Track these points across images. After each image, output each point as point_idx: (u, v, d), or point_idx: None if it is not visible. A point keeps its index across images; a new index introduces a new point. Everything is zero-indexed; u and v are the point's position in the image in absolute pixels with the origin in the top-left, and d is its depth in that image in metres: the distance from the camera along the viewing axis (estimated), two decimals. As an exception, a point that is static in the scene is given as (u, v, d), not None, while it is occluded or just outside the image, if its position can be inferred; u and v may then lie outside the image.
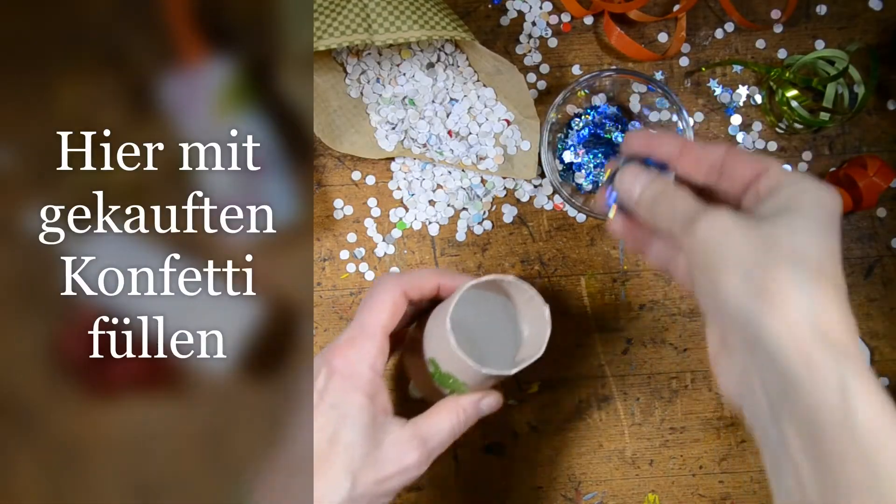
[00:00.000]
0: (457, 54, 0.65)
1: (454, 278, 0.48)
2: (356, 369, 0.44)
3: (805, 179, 0.38)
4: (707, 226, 0.37)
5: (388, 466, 0.44)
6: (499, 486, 0.68)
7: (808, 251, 0.35)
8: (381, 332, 0.46)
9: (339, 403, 0.44)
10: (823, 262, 0.35)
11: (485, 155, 0.66)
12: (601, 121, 0.65)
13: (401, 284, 0.47)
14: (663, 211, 0.40)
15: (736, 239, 0.36)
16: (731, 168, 0.40)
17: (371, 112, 0.66)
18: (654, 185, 0.41)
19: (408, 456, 0.45)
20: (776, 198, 0.38)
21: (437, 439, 0.46)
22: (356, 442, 0.43)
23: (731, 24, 0.67)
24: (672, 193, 0.40)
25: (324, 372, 0.45)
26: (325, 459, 0.43)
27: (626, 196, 0.42)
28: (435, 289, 0.48)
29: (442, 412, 0.47)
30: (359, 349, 0.45)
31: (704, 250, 0.37)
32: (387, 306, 0.46)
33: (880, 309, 0.67)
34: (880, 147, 0.67)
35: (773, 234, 0.36)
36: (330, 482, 0.43)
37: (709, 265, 0.37)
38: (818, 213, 0.36)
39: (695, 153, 0.41)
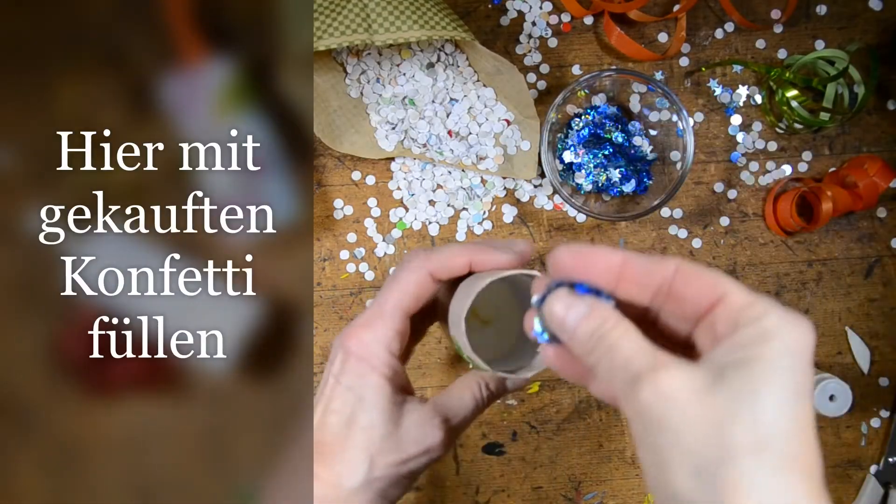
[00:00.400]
0: (457, 54, 0.65)
1: (486, 254, 0.44)
2: (372, 350, 0.43)
3: (769, 312, 0.32)
4: (652, 392, 0.31)
5: (409, 447, 0.42)
6: (499, 486, 0.68)
7: (774, 431, 0.29)
8: (401, 313, 0.43)
9: (356, 385, 0.42)
10: (792, 444, 0.30)
11: (485, 155, 0.66)
12: (601, 121, 0.65)
13: (427, 265, 0.43)
14: (600, 357, 0.33)
15: (687, 415, 0.30)
16: (681, 290, 0.34)
17: (371, 112, 0.66)
18: (590, 319, 0.34)
19: (430, 436, 0.43)
20: (735, 342, 0.31)
21: (460, 417, 0.44)
22: (374, 423, 0.42)
23: (731, 24, 0.67)
24: (612, 333, 0.33)
25: (340, 355, 0.43)
26: (341, 442, 0.42)
27: (557, 329, 0.35)
28: (466, 266, 0.44)
29: (465, 389, 0.45)
30: (375, 330, 0.43)
31: (649, 422, 0.31)
32: (410, 288, 0.43)
33: (880, 309, 0.67)
34: (880, 147, 0.67)
35: (732, 409, 0.30)
36: (347, 465, 0.42)
37: (655, 446, 0.31)
38: (787, 367, 0.30)
39: (638, 272, 0.34)
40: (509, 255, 0.43)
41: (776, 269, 0.67)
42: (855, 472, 0.68)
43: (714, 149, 0.67)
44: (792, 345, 0.31)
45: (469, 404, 0.45)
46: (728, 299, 0.32)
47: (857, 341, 0.67)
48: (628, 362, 0.32)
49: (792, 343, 0.31)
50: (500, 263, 0.43)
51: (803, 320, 0.32)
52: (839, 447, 0.68)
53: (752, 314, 0.32)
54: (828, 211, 0.64)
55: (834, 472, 0.68)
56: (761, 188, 0.67)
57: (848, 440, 0.68)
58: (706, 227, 0.67)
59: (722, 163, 0.67)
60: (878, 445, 0.68)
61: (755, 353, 0.31)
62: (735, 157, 0.67)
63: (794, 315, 0.32)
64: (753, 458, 0.29)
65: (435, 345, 0.68)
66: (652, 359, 0.32)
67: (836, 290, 0.67)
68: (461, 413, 0.44)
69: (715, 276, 0.33)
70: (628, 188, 0.65)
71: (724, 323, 0.32)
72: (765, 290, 0.67)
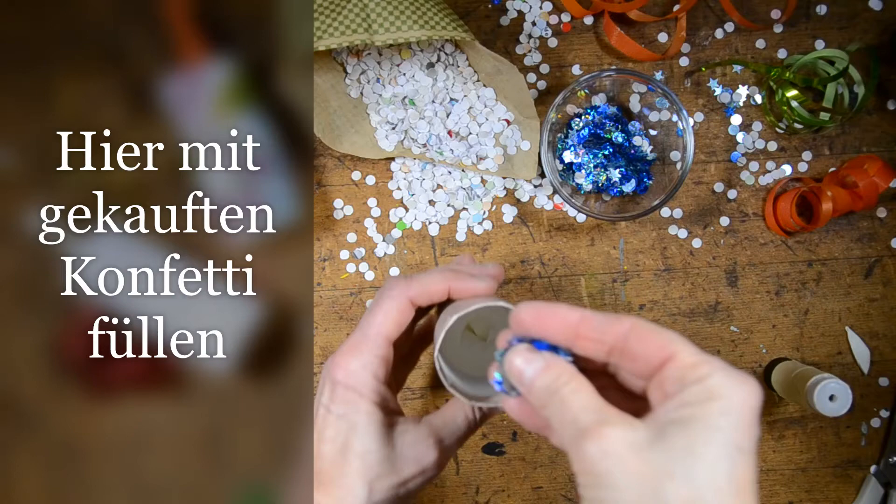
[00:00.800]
0: (457, 54, 0.65)
1: (463, 282, 0.46)
2: (359, 378, 0.44)
3: (714, 373, 0.33)
4: (596, 448, 0.32)
5: (406, 468, 0.43)
6: (499, 486, 0.68)
7: (708, 488, 0.30)
8: (384, 340, 0.45)
9: (347, 413, 0.43)
10: (726, 501, 0.31)
11: (485, 155, 0.66)
12: (601, 121, 0.65)
13: (407, 292, 0.45)
14: (553, 411, 0.35)
15: (625, 472, 0.31)
16: (636, 348, 0.35)
17: (371, 112, 0.66)
18: (546, 374, 0.35)
19: (425, 456, 0.44)
20: (679, 401, 0.32)
21: (453, 437, 0.45)
22: (369, 449, 0.43)
23: (731, 24, 0.67)
24: (564, 388, 0.35)
25: (328, 385, 0.45)
26: (338, 470, 0.43)
27: (516, 381, 0.37)
28: (444, 293, 0.46)
29: (458, 409, 0.46)
30: (360, 358, 0.44)
31: (592, 477, 0.32)
32: (391, 315, 0.45)
33: (880, 309, 0.67)
34: (880, 147, 0.67)
35: (668, 466, 0.31)
36: (346, 491, 0.42)
37: (596, 500, 0.32)
38: (727, 426, 0.31)
39: (594, 330, 0.36)
40: (485, 283, 0.46)
41: (776, 269, 0.67)
42: (855, 472, 0.68)
43: (714, 149, 0.67)
44: (735, 405, 0.32)
45: (462, 424, 0.46)
46: (677, 358, 0.34)
47: (857, 341, 0.67)
48: (576, 417, 0.33)
49: (735, 403, 0.32)
50: (477, 290, 0.45)
51: (749, 381, 0.33)
52: (839, 447, 0.68)
53: (698, 374, 0.33)
54: (828, 211, 0.64)
55: (834, 472, 0.68)
56: (761, 188, 0.67)
57: (848, 440, 0.68)
58: (706, 227, 0.67)
59: (722, 163, 0.67)
60: (878, 445, 0.68)
61: (696, 412, 0.32)
62: (735, 157, 0.67)
63: (740, 375, 0.33)
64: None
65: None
66: (599, 415, 0.33)
67: (836, 290, 0.67)
68: (454, 433, 0.46)
69: (666, 336, 0.34)
70: (628, 188, 0.65)
71: (671, 381, 0.33)
72: (765, 290, 0.67)
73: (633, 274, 0.67)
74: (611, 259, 0.67)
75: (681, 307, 0.67)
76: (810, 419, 0.68)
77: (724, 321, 0.67)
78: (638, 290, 0.67)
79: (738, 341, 0.68)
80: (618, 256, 0.67)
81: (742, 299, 0.67)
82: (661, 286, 0.67)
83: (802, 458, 0.68)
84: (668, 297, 0.67)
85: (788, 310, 0.67)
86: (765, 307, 0.67)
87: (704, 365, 0.33)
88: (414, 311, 0.46)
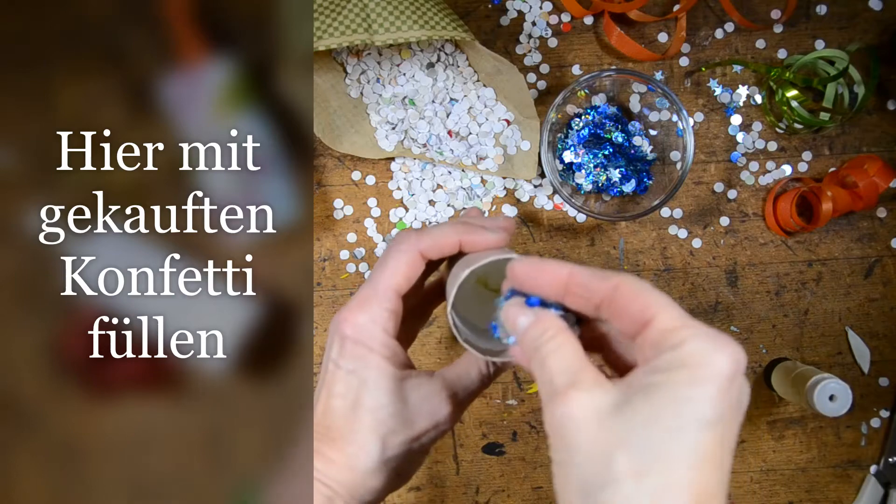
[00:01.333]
0: (457, 54, 0.65)
1: (475, 235, 0.44)
2: (368, 333, 0.43)
3: (691, 339, 0.32)
4: (562, 411, 0.32)
5: (419, 422, 0.42)
6: (499, 486, 0.68)
7: (663, 458, 0.30)
8: (394, 294, 0.43)
9: (357, 369, 0.42)
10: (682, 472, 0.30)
11: (485, 155, 0.66)
12: (601, 121, 0.65)
13: (418, 245, 0.44)
14: (535, 367, 0.35)
15: (584, 438, 0.31)
16: (621, 307, 0.34)
17: (371, 112, 0.66)
18: (534, 327, 0.36)
19: (439, 409, 0.43)
20: (652, 366, 0.32)
21: (467, 390, 0.44)
22: (381, 404, 0.42)
23: (731, 24, 0.67)
24: (546, 346, 0.34)
25: (336, 340, 0.43)
26: (349, 426, 0.42)
27: (511, 331, 0.37)
28: (456, 246, 0.44)
29: (472, 363, 0.45)
30: (369, 312, 0.43)
31: (557, 439, 0.32)
32: (400, 269, 0.43)
33: (880, 309, 0.67)
34: (880, 147, 0.67)
35: (625, 434, 0.30)
36: (359, 447, 0.41)
37: (557, 462, 0.32)
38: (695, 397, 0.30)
39: (581, 286, 0.35)
40: (496, 235, 0.44)
41: (776, 269, 0.67)
42: (855, 472, 0.68)
43: (714, 149, 0.67)
44: (709, 374, 0.31)
45: (475, 378, 0.45)
46: (657, 321, 0.33)
47: (857, 341, 0.67)
48: (552, 378, 0.33)
49: (709, 372, 0.31)
50: (489, 242, 0.44)
51: (728, 346, 0.32)
52: (839, 447, 0.68)
53: (675, 339, 0.32)
54: (828, 211, 0.64)
55: (834, 472, 0.68)
56: (761, 188, 0.67)
57: (848, 440, 0.68)
58: (706, 227, 0.67)
59: (722, 163, 0.67)
60: (878, 445, 0.68)
61: (665, 379, 0.31)
62: (735, 157, 0.67)
63: (720, 341, 0.32)
64: (633, 484, 0.30)
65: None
66: (572, 377, 0.33)
67: (836, 290, 0.67)
68: (468, 387, 0.44)
69: (651, 297, 0.33)
70: (628, 188, 0.65)
71: (649, 345, 0.33)
72: (765, 290, 0.67)
73: (633, 274, 0.67)
74: (611, 259, 0.67)
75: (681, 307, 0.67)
76: (810, 419, 0.68)
77: (724, 321, 0.67)
78: (638, 290, 0.67)
79: (738, 341, 0.67)
80: (618, 256, 0.67)
81: (742, 299, 0.67)
82: (661, 286, 0.67)
83: (802, 458, 0.68)
84: (668, 297, 0.67)
85: (788, 310, 0.67)
86: (765, 307, 0.67)
87: (683, 330, 0.32)
88: (424, 264, 0.44)
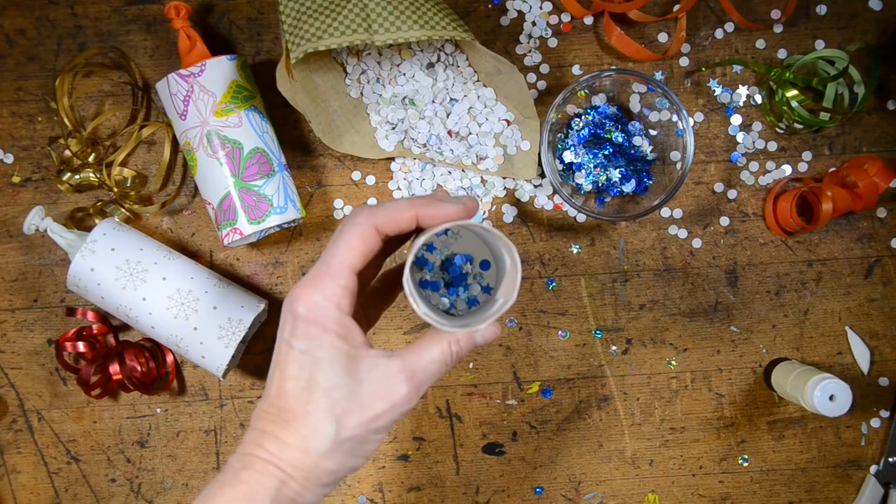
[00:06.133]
0: (457, 54, 0.65)
1: (433, 207, 0.43)
2: (321, 311, 0.42)
3: None
4: None
5: (376, 404, 0.42)
6: (499, 486, 0.68)
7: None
8: (348, 270, 0.42)
9: (309, 349, 0.41)
10: None
11: (485, 155, 0.66)
12: (601, 121, 0.65)
13: (373, 219, 0.43)
14: None
15: None
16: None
17: (371, 112, 0.66)
18: None
19: (396, 390, 0.42)
20: None
21: (426, 371, 0.43)
22: (335, 384, 0.41)
23: (731, 24, 0.67)
24: None
25: (289, 320, 0.42)
26: (303, 408, 0.41)
27: None
28: (412, 220, 0.43)
29: (432, 342, 0.44)
30: (322, 290, 0.42)
31: None
32: (355, 243, 0.42)
33: (880, 309, 0.67)
34: (880, 147, 0.67)
35: None
36: (313, 428, 0.41)
37: None
38: None
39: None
40: (456, 206, 0.43)
41: (776, 269, 0.67)
42: (855, 472, 0.68)
43: (714, 149, 0.67)
44: None
45: (436, 358, 0.44)
46: None
47: (857, 341, 0.67)
48: None
49: None
50: (447, 215, 0.43)
51: None
52: (839, 447, 0.68)
53: None
54: (828, 211, 0.64)
55: (834, 472, 0.68)
56: (761, 188, 0.67)
57: (848, 440, 0.68)
58: (706, 227, 0.67)
59: (722, 163, 0.67)
60: (878, 445, 0.68)
61: None
62: (735, 157, 0.67)
63: None
64: None
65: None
66: None
67: (836, 290, 0.67)
68: (428, 367, 0.43)
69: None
70: (628, 188, 0.65)
71: None
72: (765, 290, 0.67)
73: (633, 274, 0.67)
74: (611, 259, 0.67)
75: (681, 307, 0.67)
76: (810, 419, 0.68)
77: (724, 321, 0.67)
78: (638, 290, 0.67)
79: (738, 341, 0.68)
80: (618, 256, 0.67)
81: (742, 299, 0.67)
82: (661, 286, 0.67)
83: (802, 458, 0.68)
84: (668, 297, 0.67)
85: (788, 310, 0.67)
86: (765, 307, 0.67)
87: None
88: (380, 240, 0.43)
